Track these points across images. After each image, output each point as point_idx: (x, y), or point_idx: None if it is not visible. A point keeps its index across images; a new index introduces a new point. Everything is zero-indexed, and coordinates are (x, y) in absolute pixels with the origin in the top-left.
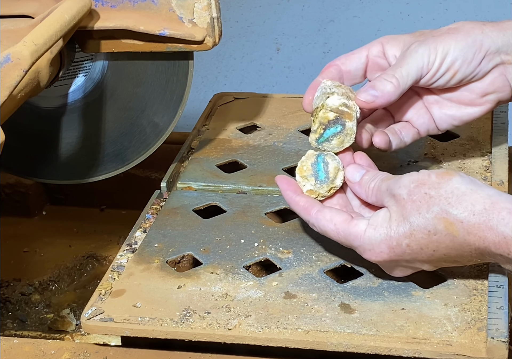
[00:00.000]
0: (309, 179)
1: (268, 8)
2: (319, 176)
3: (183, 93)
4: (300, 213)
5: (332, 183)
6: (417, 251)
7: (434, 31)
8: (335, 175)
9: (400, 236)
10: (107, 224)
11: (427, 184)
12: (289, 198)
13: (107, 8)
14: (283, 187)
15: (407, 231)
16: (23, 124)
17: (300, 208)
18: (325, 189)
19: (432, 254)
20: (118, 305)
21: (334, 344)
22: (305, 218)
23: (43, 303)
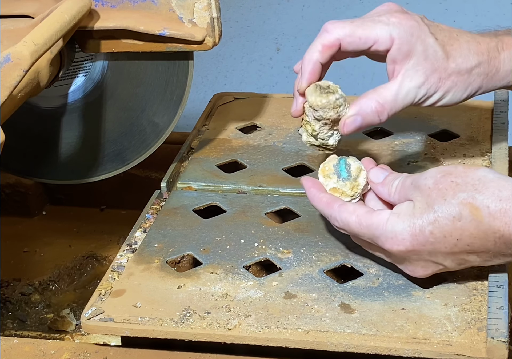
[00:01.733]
0: (331, 177)
1: (268, 8)
2: (341, 175)
3: (183, 93)
4: (323, 208)
5: (355, 181)
6: (440, 240)
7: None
8: (358, 174)
9: (424, 223)
10: (107, 224)
11: (453, 174)
12: (313, 195)
13: (107, 8)
14: (308, 185)
15: (431, 218)
16: (23, 124)
17: (323, 204)
18: (348, 187)
19: (455, 244)
20: (118, 305)
21: (334, 344)
22: (327, 212)
23: (43, 303)
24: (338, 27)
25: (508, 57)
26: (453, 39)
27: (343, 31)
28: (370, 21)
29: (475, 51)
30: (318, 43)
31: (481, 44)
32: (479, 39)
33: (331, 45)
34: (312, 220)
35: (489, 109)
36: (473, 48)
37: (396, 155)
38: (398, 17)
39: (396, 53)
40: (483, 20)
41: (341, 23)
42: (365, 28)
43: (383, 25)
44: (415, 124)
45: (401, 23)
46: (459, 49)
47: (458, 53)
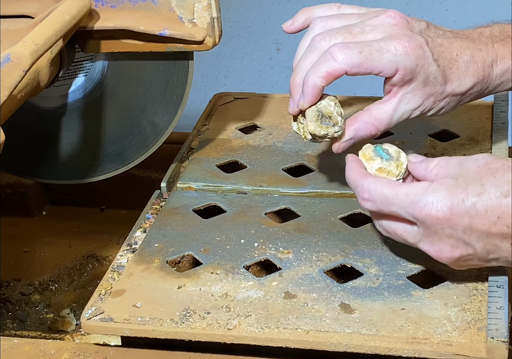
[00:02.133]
0: (374, 159)
1: (268, 8)
2: (383, 156)
3: (183, 93)
4: (357, 178)
5: (398, 160)
6: (481, 214)
7: None
8: (398, 155)
9: (468, 193)
10: (107, 224)
11: (505, 159)
12: (352, 167)
13: (107, 8)
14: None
15: (477, 190)
16: (23, 124)
17: (359, 174)
18: (393, 165)
19: (494, 223)
20: (118, 305)
21: (334, 344)
22: (360, 182)
23: (43, 303)
24: (346, 58)
25: (500, 72)
26: (453, 61)
27: (351, 62)
28: (377, 50)
29: (472, 73)
30: (323, 68)
31: (478, 64)
32: (477, 56)
33: (336, 74)
34: (312, 220)
35: (489, 109)
36: (470, 70)
37: None
38: (405, 46)
39: (398, 80)
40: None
41: (349, 51)
42: (373, 59)
43: (391, 56)
44: (415, 124)
45: (408, 54)
46: (457, 72)
47: (456, 77)
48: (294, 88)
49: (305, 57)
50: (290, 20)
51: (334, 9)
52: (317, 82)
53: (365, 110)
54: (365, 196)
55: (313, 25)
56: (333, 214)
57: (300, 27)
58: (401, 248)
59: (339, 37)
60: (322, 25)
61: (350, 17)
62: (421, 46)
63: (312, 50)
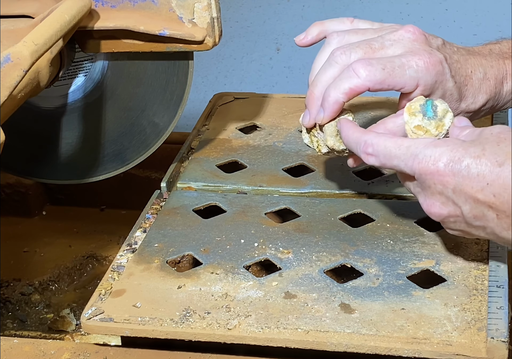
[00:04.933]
0: (417, 115)
1: (268, 8)
2: (427, 113)
3: (183, 93)
4: (358, 136)
5: (441, 121)
6: (472, 177)
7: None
8: (444, 115)
9: (466, 153)
10: (107, 224)
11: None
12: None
13: (107, 8)
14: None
15: (475, 153)
16: (23, 124)
17: (360, 132)
18: (433, 125)
19: (482, 188)
20: (118, 305)
21: (334, 344)
22: (362, 139)
23: (43, 303)
24: (370, 74)
25: (509, 89)
26: (468, 78)
27: (374, 78)
28: (399, 67)
29: (484, 90)
30: (346, 85)
31: (490, 81)
32: (490, 73)
33: (359, 91)
34: (312, 220)
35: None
36: (483, 87)
37: None
38: (426, 62)
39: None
40: (483, 20)
41: (373, 68)
42: (395, 76)
43: (413, 72)
44: None
45: (428, 69)
46: (471, 89)
47: (470, 93)
48: (312, 101)
49: (325, 71)
50: (303, 34)
51: (347, 24)
52: (339, 98)
53: (380, 123)
54: (369, 150)
55: (330, 39)
56: (333, 214)
57: (313, 41)
58: (401, 248)
59: (359, 52)
60: (339, 40)
61: (366, 32)
62: (440, 62)
63: (332, 64)
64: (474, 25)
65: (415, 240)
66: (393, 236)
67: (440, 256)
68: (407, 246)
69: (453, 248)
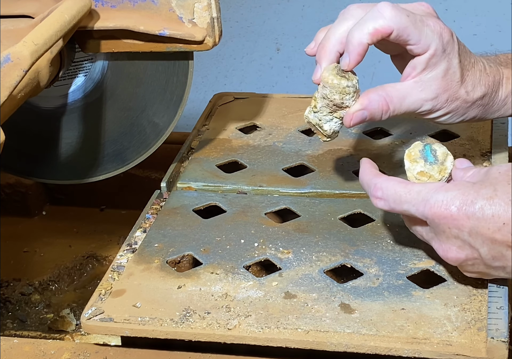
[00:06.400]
0: (418, 161)
1: (268, 8)
2: (428, 159)
3: (183, 93)
4: (370, 178)
5: (443, 165)
6: (487, 218)
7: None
8: (445, 158)
9: (479, 196)
10: (107, 224)
11: None
12: (365, 168)
13: (107, 8)
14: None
15: (488, 194)
16: (23, 124)
17: (373, 174)
18: (436, 170)
19: (499, 229)
20: (118, 305)
21: (334, 344)
22: (373, 181)
23: (43, 303)
24: (396, 16)
25: (504, 94)
26: (471, 64)
27: (399, 21)
28: (420, 21)
29: (483, 83)
30: (370, 25)
31: (489, 76)
32: (488, 70)
33: (384, 32)
34: (312, 220)
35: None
36: (483, 79)
37: (396, 155)
38: (441, 27)
39: (422, 62)
40: (483, 20)
41: (399, 12)
42: (416, 27)
43: (429, 31)
44: (415, 124)
45: (442, 35)
46: (473, 77)
47: (471, 81)
48: (323, 54)
49: (339, 25)
50: (312, 43)
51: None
52: (363, 39)
53: (379, 86)
54: (378, 194)
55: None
56: (333, 214)
57: None
58: (401, 248)
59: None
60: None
61: None
62: (452, 34)
63: (347, 17)
64: (474, 25)
65: (415, 240)
66: (393, 236)
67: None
68: (407, 246)
69: None
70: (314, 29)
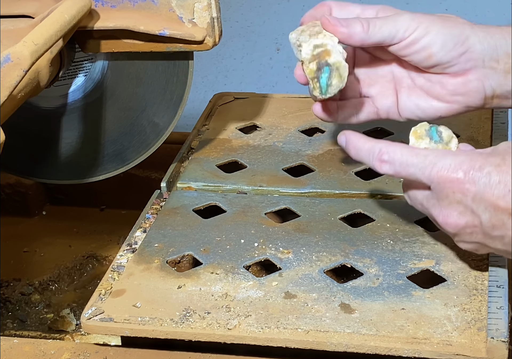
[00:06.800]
0: (424, 138)
1: (268, 8)
2: (433, 137)
3: (183, 93)
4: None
5: (447, 145)
6: (493, 184)
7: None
8: (449, 140)
9: (487, 162)
10: (107, 224)
11: None
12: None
13: (107, 8)
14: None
15: (496, 162)
16: (23, 124)
17: (372, 142)
18: (440, 149)
19: (504, 196)
20: (118, 305)
21: (334, 344)
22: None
23: (43, 303)
24: None
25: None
26: None
27: None
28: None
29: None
30: None
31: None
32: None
33: None
34: (312, 220)
35: (489, 109)
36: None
37: None
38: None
39: None
40: (483, 20)
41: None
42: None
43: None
44: (415, 124)
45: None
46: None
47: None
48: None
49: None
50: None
51: None
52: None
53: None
54: (384, 158)
55: None
56: (333, 214)
57: None
58: (401, 248)
59: None
60: None
61: None
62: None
63: None
64: None
65: (415, 240)
66: (393, 236)
67: (440, 256)
68: (407, 246)
69: (453, 248)
70: None
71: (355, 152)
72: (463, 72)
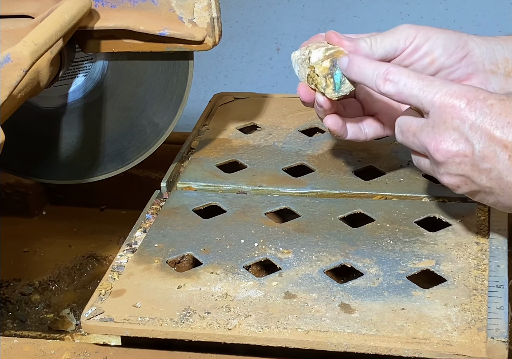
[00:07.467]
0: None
1: (268, 8)
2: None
3: (183, 93)
4: (377, 64)
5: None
6: (494, 115)
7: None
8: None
9: (492, 95)
10: (107, 224)
11: None
12: (360, 58)
13: (107, 8)
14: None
15: (501, 97)
16: (23, 124)
17: (375, 62)
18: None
19: (502, 127)
20: (118, 305)
21: (334, 344)
22: (383, 67)
23: (43, 303)
24: None
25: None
26: None
27: None
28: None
29: None
30: None
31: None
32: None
33: None
34: (312, 220)
35: None
36: None
37: (396, 155)
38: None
39: None
40: (483, 20)
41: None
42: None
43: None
44: None
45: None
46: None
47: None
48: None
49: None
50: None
51: None
52: None
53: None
54: (389, 77)
55: None
56: (333, 214)
57: None
58: (401, 248)
59: None
60: None
61: None
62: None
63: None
64: (474, 25)
65: (415, 240)
66: (393, 236)
67: (440, 256)
68: (407, 246)
69: (453, 248)
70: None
71: (358, 70)
72: (466, 77)
